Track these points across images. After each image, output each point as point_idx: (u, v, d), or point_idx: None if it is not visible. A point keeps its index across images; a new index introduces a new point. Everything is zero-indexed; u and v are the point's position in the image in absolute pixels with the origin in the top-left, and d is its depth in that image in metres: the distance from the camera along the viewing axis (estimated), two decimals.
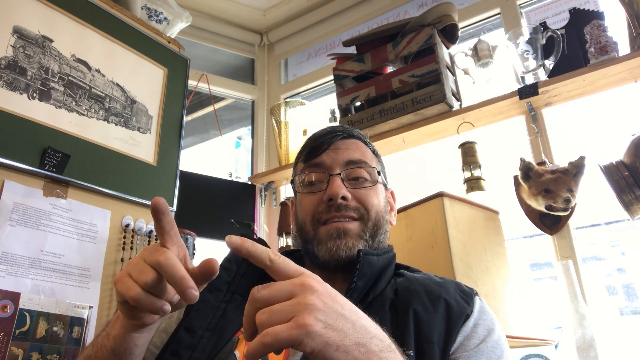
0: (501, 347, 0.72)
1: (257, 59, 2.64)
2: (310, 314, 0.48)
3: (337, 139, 0.90)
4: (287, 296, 0.50)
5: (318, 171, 0.88)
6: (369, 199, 0.85)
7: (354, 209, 0.83)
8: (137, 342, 0.66)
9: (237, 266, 0.85)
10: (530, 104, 1.57)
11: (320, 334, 0.47)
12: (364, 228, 0.83)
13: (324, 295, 0.50)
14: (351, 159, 0.87)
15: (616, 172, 1.28)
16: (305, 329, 0.47)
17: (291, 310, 0.48)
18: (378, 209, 0.86)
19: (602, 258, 1.63)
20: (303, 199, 0.89)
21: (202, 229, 1.96)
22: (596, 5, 1.61)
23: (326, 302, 0.50)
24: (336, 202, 0.82)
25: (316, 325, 0.47)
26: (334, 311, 0.50)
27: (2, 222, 1.19)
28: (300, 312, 0.48)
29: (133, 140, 1.54)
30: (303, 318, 0.47)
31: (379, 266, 0.81)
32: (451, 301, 0.74)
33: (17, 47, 1.29)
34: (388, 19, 2.27)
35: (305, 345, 0.47)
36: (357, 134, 0.94)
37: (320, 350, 0.47)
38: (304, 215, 0.87)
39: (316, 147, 0.90)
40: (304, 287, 0.50)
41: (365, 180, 0.87)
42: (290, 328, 0.47)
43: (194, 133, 2.91)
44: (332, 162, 0.87)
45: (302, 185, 0.90)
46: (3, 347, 1.12)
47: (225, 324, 0.76)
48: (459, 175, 1.58)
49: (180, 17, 1.84)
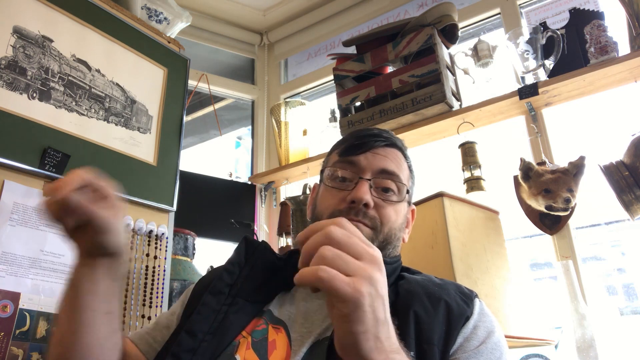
0: (500, 348, 0.73)
1: (257, 59, 2.64)
2: (370, 286, 0.49)
3: (380, 144, 0.88)
4: (357, 255, 0.50)
5: (350, 170, 0.86)
6: (388, 214, 0.84)
7: (370, 218, 0.82)
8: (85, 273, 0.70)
9: (240, 269, 0.85)
10: (530, 104, 1.57)
11: (365, 309, 0.48)
12: (373, 238, 0.82)
13: (382, 281, 0.52)
14: (386, 169, 0.86)
15: (616, 172, 1.28)
16: (357, 294, 0.47)
17: (355, 270, 0.49)
18: (393, 226, 0.85)
19: (602, 258, 1.63)
20: (328, 191, 0.87)
21: (202, 229, 1.96)
22: (596, 5, 1.61)
23: (383, 286, 0.51)
24: (358, 207, 0.81)
25: (367, 298, 0.48)
26: (382, 298, 0.51)
27: (2, 222, 1.19)
28: (363, 278, 0.48)
29: (133, 140, 1.54)
30: (362, 284, 0.48)
31: (387, 274, 0.82)
32: (451, 303, 0.74)
33: (17, 47, 1.29)
34: (388, 19, 2.27)
35: (346, 306, 0.48)
36: (401, 145, 0.93)
37: (352, 321, 0.48)
38: (323, 209, 0.86)
39: (357, 146, 0.88)
40: (374, 259, 0.51)
41: (393, 194, 0.86)
42: (348, 284, 0.47)
43: (194, 133, 2.91)
44: (366, 166, 0.85)
45: (330, 177, 0.88)
46: (3, 347, 1.12)
47: (227, 327, 0.76)
48: (459, 175, 1.58)
49: (180, 17, 1.84)
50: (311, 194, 0.97)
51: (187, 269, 1.69)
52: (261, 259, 0.86)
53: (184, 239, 1.75)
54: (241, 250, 0.87)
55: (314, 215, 0.90)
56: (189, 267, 1.71)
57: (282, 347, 0.72)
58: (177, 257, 1.70)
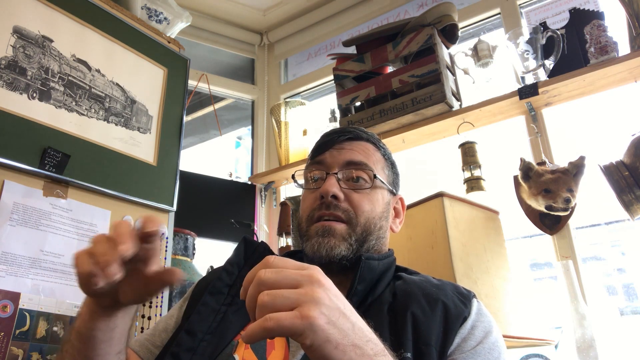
0: (498, 348, 0.73)
1: (257, 59, 2.64)
2: (316, 307, 0.47)
3: (343, 138, 0.90)
4: (294, 284, 0.49)
5: (319, 169, 0.88)
6: (361, 203, 0.84)
7: (343, 210, 0.83)
8: (100, 327, 0.64)
9: (239, 269, 0.85)
10: (530, 104, 1.57)
11: (323, 328, 0.47)
12: (350, 232, 0.82)
13: (330, 291, 0.50)
14: (352, 160, 0.87)
15: (616, 172, 1.28)
16: (309, 320, 0.46)
17: (297, 300, 0.47)
18: (370, 215, 0.84)
19: (602, 258, 1.63)
20: (305, 195, 0.90)
21: (202, 229, 1.96)
22: (596, 5, 1.61)
23: (331, 298, 0.49)
24: (327, 200, 0.82)
25: (320, 319, 0.47)
26: (337, 309, 0.49)
27: (2, 222, 1.19)
28: (307, 303, 0.47)
29: (133, 140, 1.54)
30: (309, 309, 0.47)
31: (379, 271, 0.82)
32: (449, 303, 0.74)
33: (17, 47, 1.29)
34: (388, 19, 2.27)
35: (305, 337, 0.46)
36: (368, 136, 0.93)
37: (320, 345, 0.47)
38: (302, 212, 0.88)
39: (322, 145, 0.90)
40: (312, 279, 0.50)
41: (364, 182, 0.86)
42: (295, 317, 0.46)
43: (194, 133, 2.91)
44: (332, 161, 0.87)
45: (305, 181, 0.91)
46: (3, 347, 1.12)
47: (226, 327, 0.76)
48: (459, 175, 1.58)
49: (180, 17, 1.84)
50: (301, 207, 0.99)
51: (187, 269, 1.69)
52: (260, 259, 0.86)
53: (184, 239, 1.76)
54: (240, 250, 0.87)
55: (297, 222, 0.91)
56: (189, 267, 1.72)
57: (280, 348, 0.72)
58: (177, 257, 1.70)
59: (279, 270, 0.50)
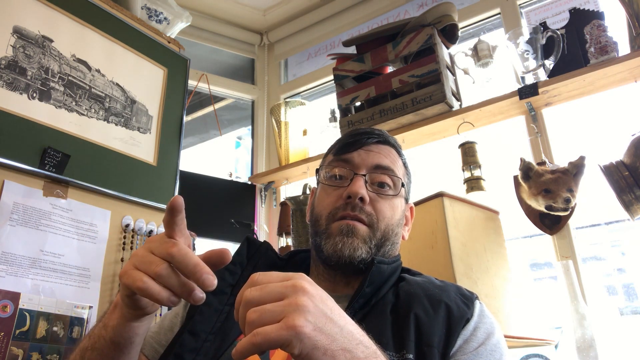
0: (500, 350, 0.73)
1: (257, 59, 2.64)
2: (301, 315, 0.48)
3: (372, 141, 0.90)
4: (278, 297, 0.50)
5: (345, 167, 0.88)
6: (384, 209, 0.85)
7: (367, 214, 0.83)
8: (137, 331, 0.67)
9: (242, 269, 0.85)
10: (530, 104, 1.57)
11: (309, 336, 0.47)
12: (371, 236, 0.82)
13: (315, 297, 0.50)
14: (380, 164, 0.87)
15: (616, 172, 1.28)
16: (294, 330, 0.47)
17: (282, 311, 0.48)
18: (389, 222, 0.85)
19: (602, 258, 1.63)
20: (324, 191, 0.89)
21: (202, 229, 1.96)
22: (596, 5, 1.61)
23: (317, 304, 0.50)
24: (354, 201, 0.82)
25: (306, 326, 0.47)
26: (323, 314, 0.50)
27: (2, 222, 1.19)
28: (291, 313, 0.48)
29: (133, 140, 1.54)
30: (293, 319, 0.47)
31: (387, 274, 0.82)
32: (452, 305, 0.74)
33: (17, 47, 1.29)
34: (388, 19, 2.27)
35: (293, 346, 0.47)
36: (394, 142, 0.94)
37: (308, 353, 0.47)
38: (321, 209, 0.87)
39: (350, 144, 0.90)
40: (295, 289, 0.50)
41: (389, 188, 0.87)
42: (280, 328, 0.47)
43: (194, 133, 2.91)
44: (360, 162, 0.87)
45: (326, 177, 0.90)
46: (3, 347, 1.12)
47: (229, 327, 0.76)
48: (459, 175, 1.58)
49: (180, 17, 1.84)
50: (310, 198, 0.98)
51: None
52: (263, 259, 0.86)
53: None
54: (243, 250, 0.87)
55: (312, 216, 0.90)
56: None
57: None
58: None
59: (263, 286, 0.51)
